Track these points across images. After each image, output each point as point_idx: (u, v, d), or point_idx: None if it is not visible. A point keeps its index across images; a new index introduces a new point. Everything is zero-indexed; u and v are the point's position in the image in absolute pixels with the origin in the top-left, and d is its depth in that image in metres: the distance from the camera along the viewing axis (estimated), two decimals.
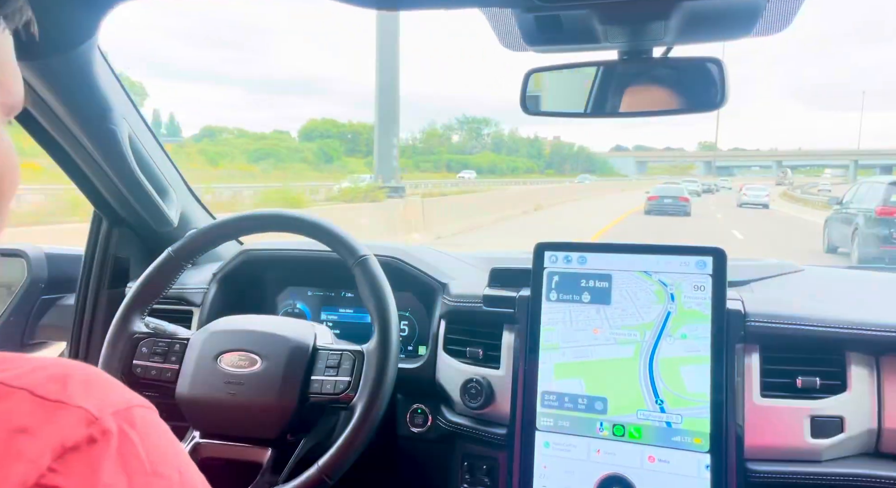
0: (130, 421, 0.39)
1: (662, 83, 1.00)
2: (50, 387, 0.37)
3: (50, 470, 0.35)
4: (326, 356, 1.02)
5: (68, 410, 0.37)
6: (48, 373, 0.39)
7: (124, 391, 0.41)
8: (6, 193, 0.46)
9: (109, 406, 0.38)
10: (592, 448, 1.03)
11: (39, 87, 1.00)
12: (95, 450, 0.36)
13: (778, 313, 1.01)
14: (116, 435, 0.37)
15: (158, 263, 1.12)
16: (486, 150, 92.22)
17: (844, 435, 0.97)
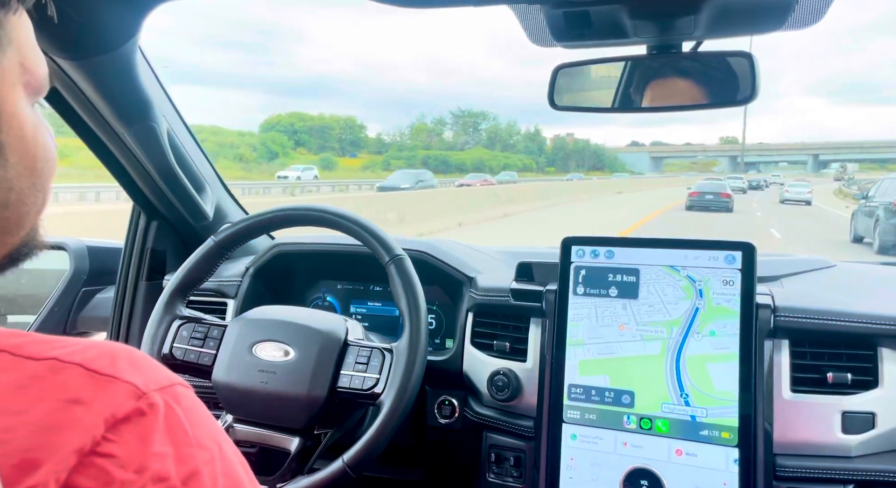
0: (175, 397, 0.41)
1: (692, 77, 1.00)
2: (101, 363, 0.40)
3: (104, 438, 0.37)
4: (357, 351, 1.04)
5: (119, 384, 0.39)
6: (98, 351, 0.41)
7: (165, 370, 0.44)
8: (42, 172, 0.48)
9: (154, 382, 0.41)
10: (619, 441, 1.03)
11: (84, 85, 1.04)
12: (145, 422, 0.39)
13: (808, 307, 1.01)
14: (163, 408, 0.40)
15: (202, 251, 1.16)
16: (479, 146, 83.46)
17: (876, 431, 0.96)
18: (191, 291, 1.17)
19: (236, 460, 0.44)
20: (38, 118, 0.48)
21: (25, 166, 0.46)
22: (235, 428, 1.06)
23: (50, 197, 0.51)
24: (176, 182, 1.28)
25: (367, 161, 70.49)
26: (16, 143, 0.45)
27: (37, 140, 0.47)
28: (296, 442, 1.02)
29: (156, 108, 1.16)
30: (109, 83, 1.06)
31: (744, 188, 39.57)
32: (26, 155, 0.46)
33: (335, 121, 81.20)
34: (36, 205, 0.49)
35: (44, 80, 0.49)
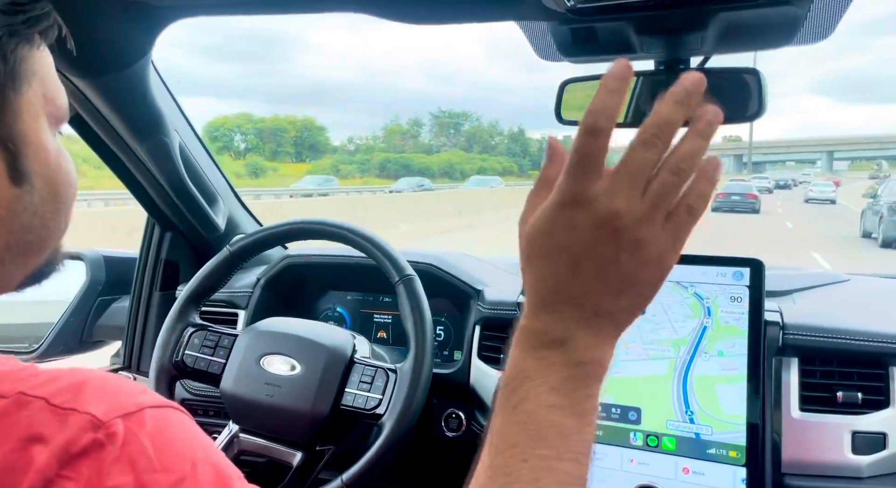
0: (140, 423, 0.40)
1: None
2: (64, 396, 0.40)
3: (59, 475, 0.37)
4: (362, 370, 1.05)
5: (77, 416, 0.39)
6: (64, 383, 0.41)
7: (139, 394, 0.43)
8: (65, 197, 0.50)
9: (118, 409, 0.40)
10: (626, 458, 1.03)
11: (97, 102, 1.07)
12: (103, 453, 0.38)
13: (818, 325, 0.99)
14: (123, 436, 0.39)
15: (218, 260, 1.18)
16: (455, 148, 73.44)
17: (888, 451, 0.94)
18: (204, 299, 1.19)
19: (213, 479, 0.42)
20: (60, 146, 0.50)
21: (49, 192, 0.48)
22: (240, 437, 1.07)
23: (69, 222, 0.53)
24: (187, 195, 1.30)
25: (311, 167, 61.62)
26: (41, 171, 0.47)
27: (60, 166, 0.49)
28: (298, 457, 1.03)
29: (168, 123, 1.18)
30: (122, 100, 1.08)
31: (769, 188, 38.99)
32: (50, 181, 0.48)
33: (290, 122, 71.78)
34: (58, 229, 0.51)
35: (65, 109, 0.51)
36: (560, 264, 0.44)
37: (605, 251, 0.43)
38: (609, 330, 0.46)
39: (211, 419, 1.39)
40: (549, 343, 0.45)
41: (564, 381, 0.44)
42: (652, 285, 0.45)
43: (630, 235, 0.43)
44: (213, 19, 1.13)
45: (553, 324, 0.45)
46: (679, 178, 0.43)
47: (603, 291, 0.44)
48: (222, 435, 1.09)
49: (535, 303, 0.46)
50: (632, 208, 0.42)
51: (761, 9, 0.85)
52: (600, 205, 0.42)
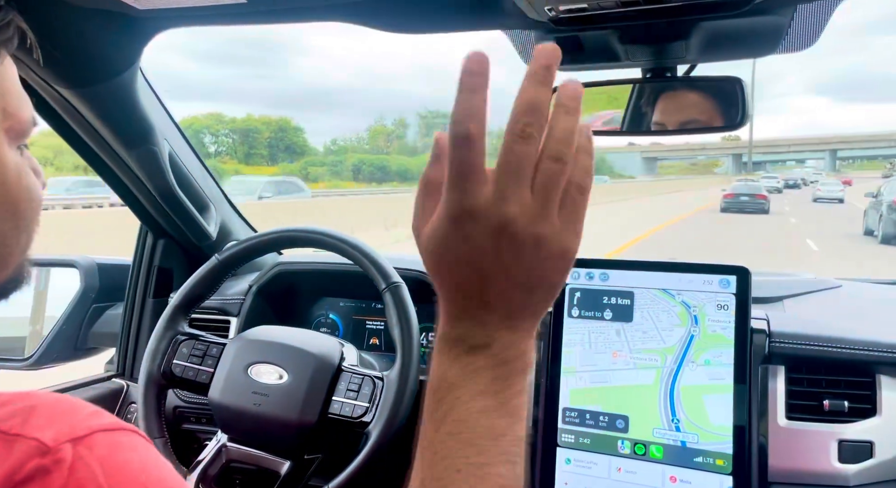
0: (90, 446, 0.39)
1: (685, 101, 0.99)
2: (12, 422, 0.39)
3: None
4: (349, 378, 1.05)
5: (22, 442, 0.38)
6: (14, 408, 0.40)
7: (90, 417, 0.42)
8: (25, 214, 0.49)
9: (67, 434, 0.39)
10: (614, 466, 1.03)
11: (85, 112, 1.07)
12: (48, 480, 0.37)
13: (805, 333, 0.99)
14: (70, 462, 0.38)
15: (206, 269, 1.18)
16: None
17: (874, 460, 0.94)
18: (193, 308, 1.19)
19: None
20: (22, 161, 0.49)
21: (7, 210, 0.47)
22: (229, 447, 1.07)
23: (35, 236, 0.52)
24: (177, 203, 1.30)
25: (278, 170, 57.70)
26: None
27: (20, 183, 0.48)
28: (286, 466, 1.03)
29: (157, 132, 1.19)
30: (110, 109, 1.08)
31: (779, 187, 39.03)
32: (8, 199, 0.47)
33: (264, 123, 68.48)
34: (19, 246, 0.50)
35: (27, 123, 0.49)
36: (466, 275, 0.44)
37: (508, 256, 0.42)
38: (527, 323, 0.46)
39: (203, 426, 1.39)
40: (471, 349, 0.45)
41: (491, 382, 0.44)
42: (561, 273, 0.45)
43: (528, 235, 0.42)
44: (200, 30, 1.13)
45: (472, 329, 0.45)
46: (562, 164, 0.42)
47: (514, 291, 0.44)
48: (210, 444, 1.10)
49: (451, 311, 0.45)
50: (524, 209, 0.41)
51: (744, 18, 0.85)
52: (491, 215, 0.41)
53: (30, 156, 0.51)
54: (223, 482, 1.09)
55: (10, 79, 0.47)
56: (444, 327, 0.46)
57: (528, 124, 0.40)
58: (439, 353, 0.46)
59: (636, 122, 1.05)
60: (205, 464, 1.07)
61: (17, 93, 0.48)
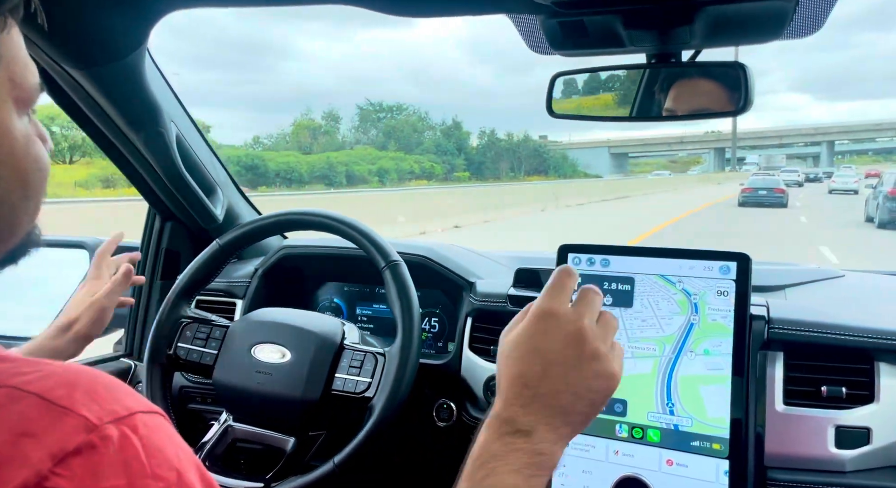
0: (133, 427, 0.41)
1: (688, 88, 0.99)
2: (58, 393, 0.40)
3: (52, 472, 0.37)
4: (351, 355, 1.07)
5: (71, 416, 0.39)
6: (58, 380, 0.41)
7: (128, 398, 0.43)
8: (33, 182, 0.49)
9: (110, 413, 0.40)
10: (611, 449, 1.03)
11: (94, 92, 1.08)
12: (96, 455, 0.38)
13: (803, 320, 1.00)
14: (117, 440, 0.39)
15: (206, 254, 1.20)
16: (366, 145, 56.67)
17: (871, 446, 0.95)
18: (196, 292, 1.21)
19: (199, 485, 0.43)
20: (30, 129, 0.49)
21: (16, 179, 0.47)
22: (234, 426, 1.09)
23: (42, 203, 0.52)
24: (185, 185, 1.31)
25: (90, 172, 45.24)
26: (6, 158, 0.46)
27: (28, 153, 0.48)
28: (291, 443, 1.04)
29: (164, 114, 1.20)
30: (119, 90, 1.10)
31: (800, 181, 39.16)
32: (17, 168, 0.47)
33: None
34: (28, 214, 0.50)
35: (33, 91, 0.49)
36: (534, 365, 0.55)
37: (571, 357, 0.55)
38: (565, 430, 0.55)
39: (209, 406, 1.42)
40: (516, 432, 0.54)
41: (525, 466, 0.53)
42: (604, 395, 0.56)
43: (591, 347, 0.55)
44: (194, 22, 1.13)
45: (523, 416, 0.54)
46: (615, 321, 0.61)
47: (566, 393, 0.54)
48: (216, 425, 1.11)
49: (509, 396, 0.56)
50: (592, 326, 0.56)
51: (749, 3, 0.85)
52: (569, 320, 0.56)
53: (37, 122, 0.52)
54: (229, 461, 1.11)
55: (16, 47, 0.48)
56: (498, 408, 0.56)
57: (597, 291, 0.61)
58: (488, 428, 0.56)
59: (645, 108, 1.05)
60: (211, 444, 1.09)
61: (24, 60, 0.48)
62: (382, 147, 57.26)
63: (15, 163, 0.47)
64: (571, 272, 0.61)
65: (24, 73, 0.48)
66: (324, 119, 62.64)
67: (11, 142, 0.47)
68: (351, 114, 61.54)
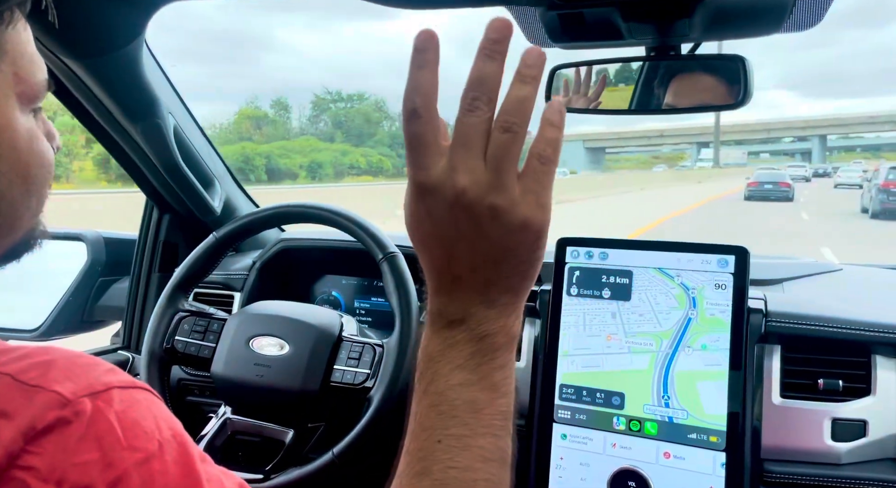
0: (107, 401, 0.40)
1: (687, 80, 0.99)
2: (32, 373, 0.40)
3: (24, 450, 0.37)
4: (349, 347, 1.07)
5: (43, 394, 0.39)
6: (33, 361, 0.41)
7: (107, 373, 0.43)
8: (36, 178, 0.49)
9: (86, 388, 0.40)
10: (609, 442, 1.04)
11: (91, 83, 1.08)
12: (69, 430, 0.38)
13: (801, 313, 1.00)
14: (89, 415, 0.39)
15: (203, 247, 1.20)
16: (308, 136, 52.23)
17: (867, 439, 0.95)
18: (193, 285, 1.21)
19: (178, 458, 0.42)
20: (36, 125, 0.49)
21: (18, 175, 0.47)
22: (233, 419, 1.09)
23: (46, 200, 0.52)
24: (182, 177, 1.31)
25: None
26: (7, 153, 0.46)
27: (31, 149, 0.48)
28: (290, 434, 1.05)
29: (162, 105, 1.19)
30: (116, 81, 1.09)
31: (807, 176, 39.16)
32: (18, 164, 0.47)
33: None
34: (30, 210, 0.50)
35: (39, 88, 0.49)
36: (435, 249, 0.45)
37: (467, 227, 0.43)
38: (505, 298, 0.46)
39: (207, 398, 1.42)
40: (449, 323, 0.46)
41: (470, 357, 0.46)
42: (528, 246, 0.45)
43: (483, 206, 0.42)
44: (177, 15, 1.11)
45: (449, 304, 0.46)
46: (512, 134, 0.42)
47: (481, 265, 0.45)
48: (215, 417, 1.12)
49: (431, 286, 0.47)
50: (476, 180, 0.42)
51: None
52: (446, 187, 0.42)
53: (44, 119, 0.51)
54: (228, 454, 1.11)
55: (23, 42, 0.47)
56: (429, 302, 0.48)
57: (476, 97, 0.42)
58: (426, 328, 0.48)
59: (644, 101, 1.05)
60: (210, 437, 1.09)
61: (31, 56, 0.48)
62: (330, 138, 50.51)
63: (17, 159, 0.47)
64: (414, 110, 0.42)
65: (30, 68, 0.48)
66: (272, 108, 56.30)
67: (13, 138, 0.46)
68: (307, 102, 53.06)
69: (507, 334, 0.47)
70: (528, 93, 0.42)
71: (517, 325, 0.48)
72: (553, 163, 0.44)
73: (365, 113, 54.87)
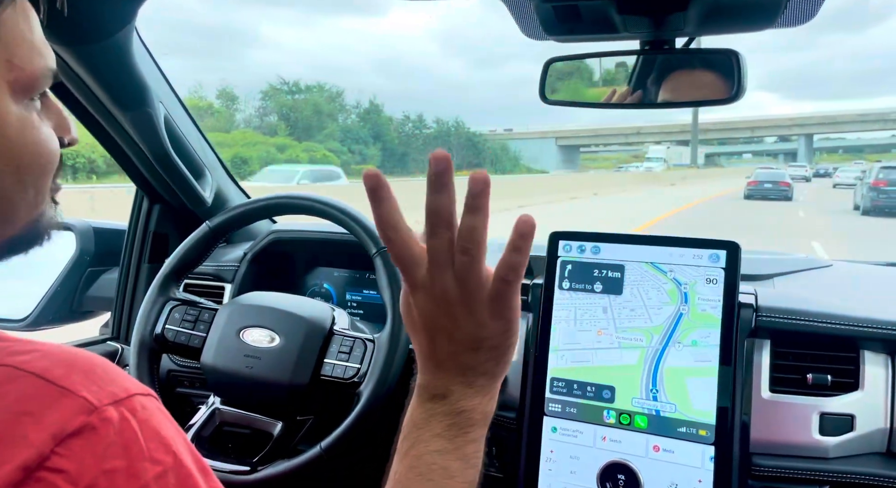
0: (132, 410, 0.41)
1: (682, 74, 0.99)
2: (57, 373, 0.40)
3: (54, 453, 0.37)
4: (340, 341, 1.06)
5: (71, 398, 0.39)
6: (55, 359, 0.41)
7: (125, 380, 0.43)
8: (30, 168, 0.48)
9: (109, 396, 0.41)
10: (599, 435, 1.04)
11: (80, 71, 1.07)
12: (96, 437, 0.38)
13: (791, 308, 1.00)
14: (118, 422, 0.40)
15: (197, 236, 1.19)
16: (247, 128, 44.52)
17: (854, 433, 0.96)
18: (185, 275, 1.20)
19: (195, 468, 0.43)
20: (28, 114, 0.48)
21: (8, 164, 0.46)
22: (222, 409, 1.09)
23: (46, 192, 0.50)
24: (173, 167, 1.30)
25: None
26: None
27: (24, 138, 0.47)
28: (279, 427, 1.04)
29: (153, 94, 1.18)
30: (106, 69, 1.08)
31: (807, 176, 39.81)
32: (8, 153, 0.46)
33: None
34: (26, 201, 0.49)
35: (38, 75, 0.48)
36: (421, 336, 0.54)
37: (446, 322, 0.52)
38: (482, 380, 0.54)
39: (197, 390, 1.41)
40: (433, 396, 0.54)
41: (448, 428, 0.52)
42: (501, 337, 0.53)
43: (461, 307, 0.51)
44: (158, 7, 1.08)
45: (433, 381, 0.54)
46: (469, 256, 0.49)
47: (460, 351, 0.52)
48: (203, 408, 1.11)
49: (419, 365, 0.55)
50: (448, 288, 0.50)
51: None
52: (427, 289, 0.51)
53: (58, 109, 0.51)
54: (216, 444, 1.11)
55: (20, 28, 0.46)
56: (418, 376, 0.55)
57: (434, 224, 0.49)
58: (413, 397, 0.56)
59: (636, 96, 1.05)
60: (198, 427, 1.08)
61: (30, 42, 0.47)
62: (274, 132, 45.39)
63: (6, 149, 0.46)
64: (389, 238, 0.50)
65: (28, 55, 0.47)
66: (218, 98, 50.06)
67: (3, 126, 0.45)
68: None
69: (482, 412, 0.54)
70: (478, 221, 0.49)
71: (492, 405, 0.55)
72: (515, 284, 0.51)
73: (315, 104, 48.52)
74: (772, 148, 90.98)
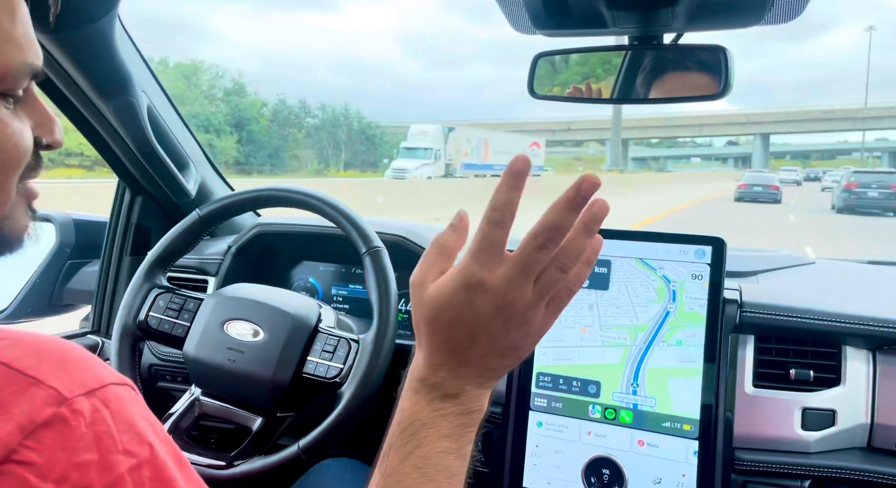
0: (104, 400, 0.40)
1: (669, 70, 0.99)
2: (27, 362, 0.39)
3: (22, 445, 0.36)
4: (325, 339, 1.05)
5: (40, 388, 0.38)
6: (26, 348, 0.40)
7: (99, 369, 0.42)
8: None
9: (81, 386, 0.39)
10: (584, 430, 1.04)
11: (61, 58, 1.04)
12: (67, 429, 0.37)
13: (775, 304, 1.01)
14: (89, 414, 0.38)
15: (186, 223, 1.17)
16: None
17: (836, 428, 0.97)
18: (171, 263, 1.18)
19: (171, 460, 0.42)
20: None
21: None
22: (202, 401, 1.07)
23: (12, 190, 0.49)
24: (156, 158, 1.28)
25: None
26: None
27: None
28: (258, 422, 1.03)
29: (135, 84, 1.16)
30: (87, 57, 1.06)
31: (798, 180, 41.11)
32: None
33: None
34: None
35: (12, 73, 0.46)
36: (460, 334, 0.51)
37: (498, 327, 0.50)
38: (492, 382, 0.54)
39: (178, 384, 1.39)
40: (444, 396, 0.52)
41: (456, 428, 0.52)
42: (531, 346, 0.53)
43: (520, 317, 0.50)
44: None
45: (450, 380, 0.52)
46: (564, 274, 0.50)
47: (492, 355, 0.52)
48: (183, 397, 1.10)
49: (436, 361, 0.53)
50: (524, 297, 0.49)
51: None
52: (499, 293, 0.49)
53: (39, 105, 0.49)
54: (193, 436, 1.09)
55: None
56: (424, 372, 0.53)
57: (549, 239, 0.48)
58: (415, 393, 0.53)
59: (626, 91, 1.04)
60: (176, 417, 1.07)
61: (6, 35, 0.45)
62: None
63: None
64: (501, 221, 0.48)
65: (1, 47, 0.44)
66: None
67: None
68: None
69: (483, 411, 0.55)
70: (587, 244, 0.50)
71: (486, 403, 0.55)
72: (572, 296, 0.53)
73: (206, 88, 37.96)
74: (722, 151, 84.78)
